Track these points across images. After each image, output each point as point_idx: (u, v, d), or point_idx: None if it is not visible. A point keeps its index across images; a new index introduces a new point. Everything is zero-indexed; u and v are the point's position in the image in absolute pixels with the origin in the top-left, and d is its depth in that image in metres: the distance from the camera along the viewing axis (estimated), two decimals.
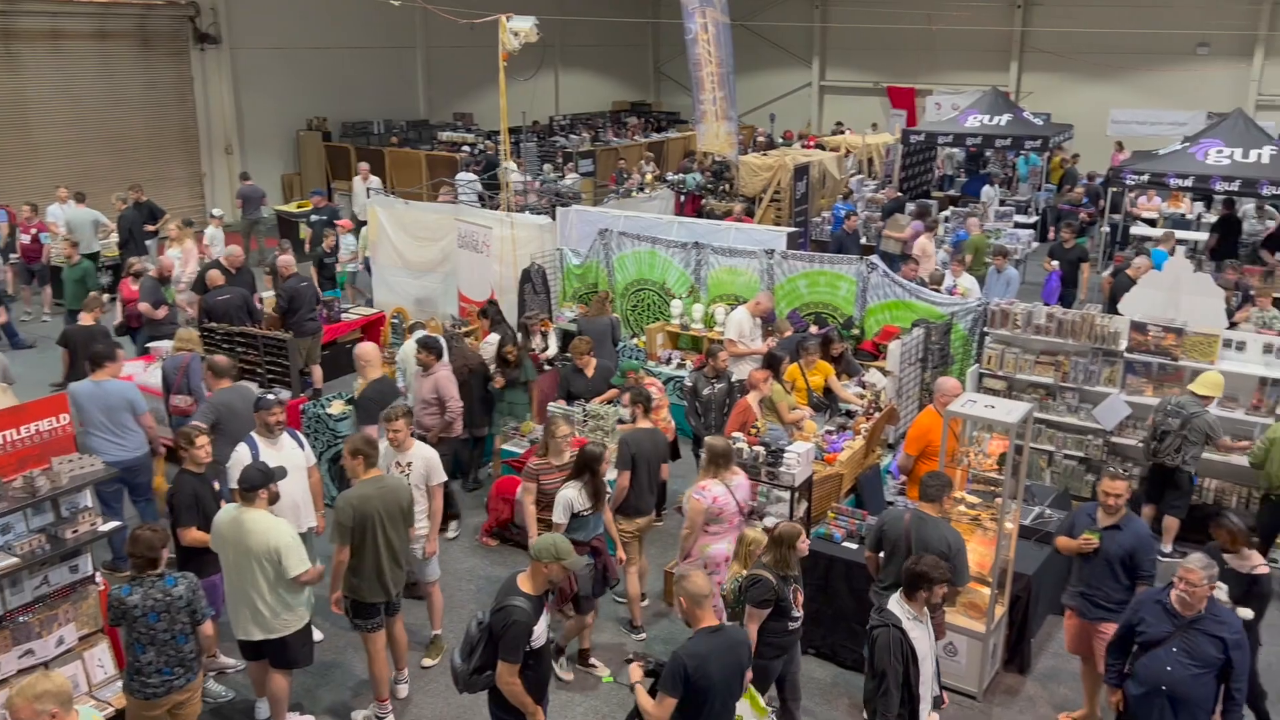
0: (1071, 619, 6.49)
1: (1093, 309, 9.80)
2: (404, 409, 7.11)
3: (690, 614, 5.02)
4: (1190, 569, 5.22)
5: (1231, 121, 14.27)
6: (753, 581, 5.66)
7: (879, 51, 29.31)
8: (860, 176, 20.83)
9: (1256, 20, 24.60)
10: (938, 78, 28.49)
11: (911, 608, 5.18)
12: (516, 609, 5.15)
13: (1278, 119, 23.47)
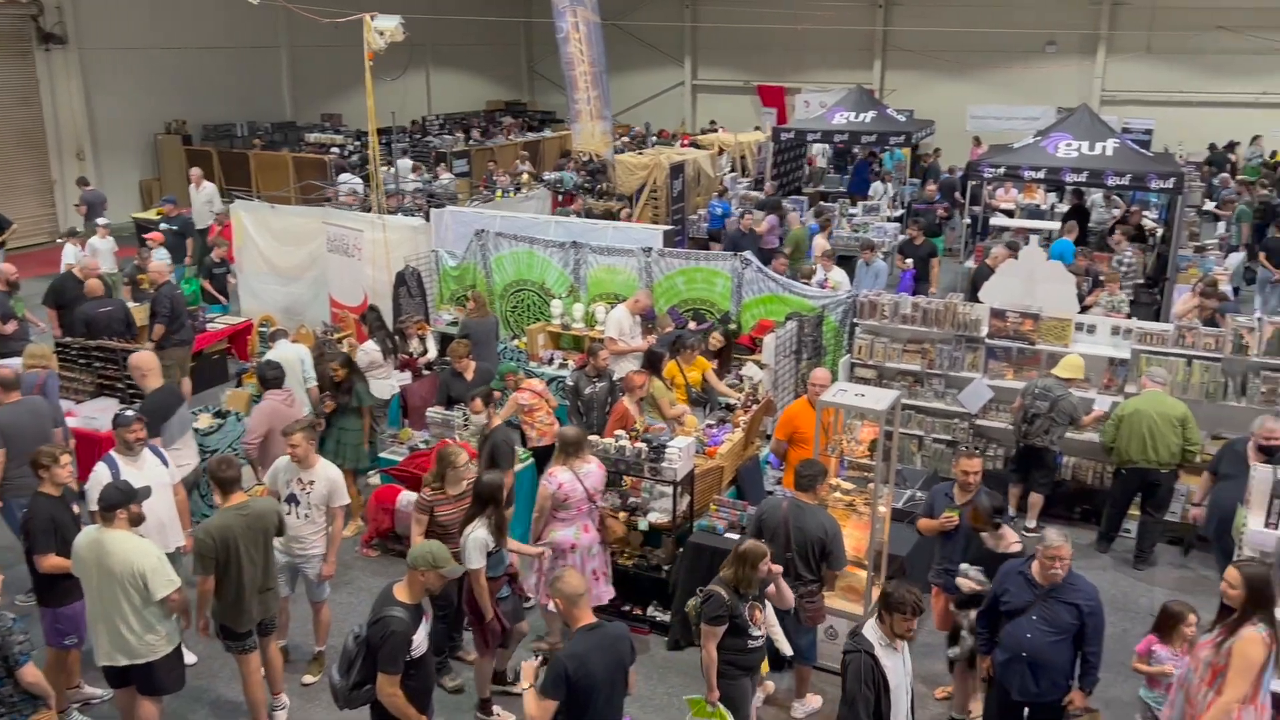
0: (939, 596, 6.75)
1: (955, 297, 10.19)
2: (307, 420, 6.90)
3: (568, 614, 5.01)
4: (1060, 546, 5.45)
5: (1078, 116, 15.03)
6: (706, 597, 5.56)
7: (748, 51, 29.85)
8: (734, 174, 21.17)
9: (1098, 20, 26.03)
10: (806, 76, 29.19)
11: (884, 634, 5.04)
12: (394, 619, 5.06)
13: (1120, 113, 24.90)
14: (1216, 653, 5.01)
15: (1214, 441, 8.67)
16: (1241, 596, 4.97)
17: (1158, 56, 25.50)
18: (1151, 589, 8.28)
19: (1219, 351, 8.73)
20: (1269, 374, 8.53)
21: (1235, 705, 4.88)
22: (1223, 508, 7.34)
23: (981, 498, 6.40)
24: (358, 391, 8.95)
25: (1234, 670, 4.88)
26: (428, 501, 6.67)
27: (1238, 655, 4.89)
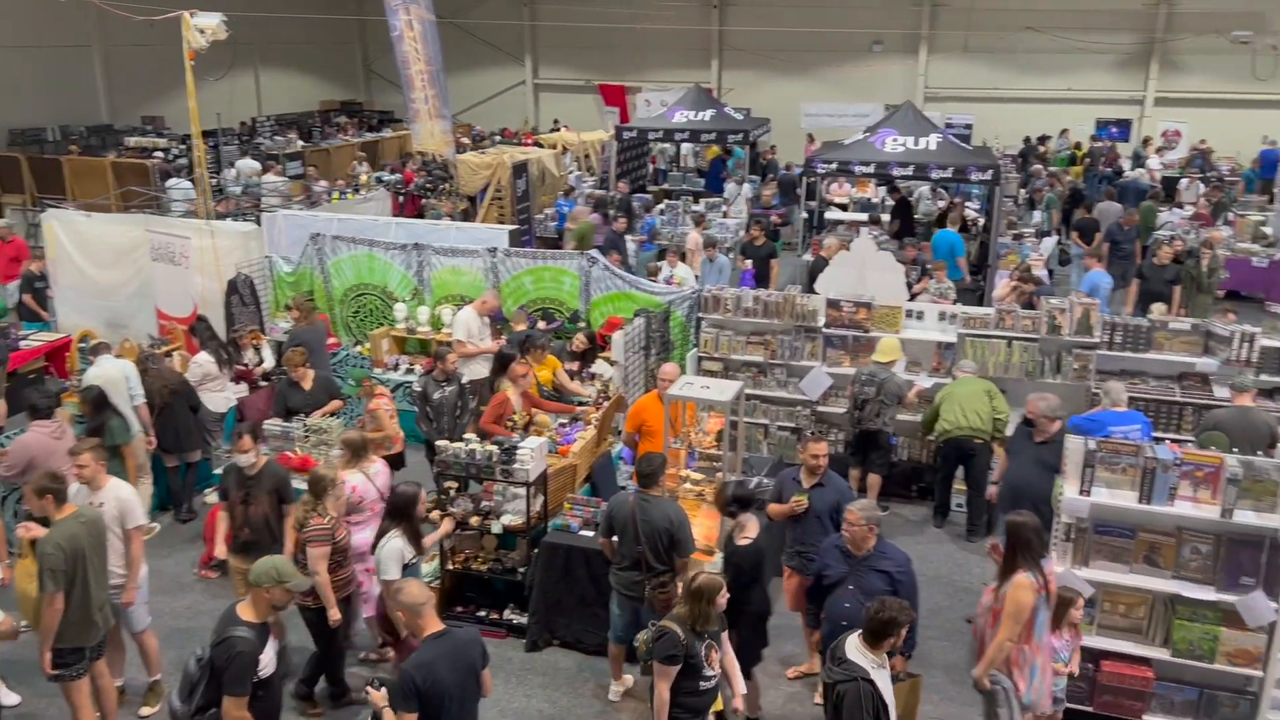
0: (791, 578, 6.96)
1: (793, 290, 10.51)
2: (91, 441, 6.49)
3: (412, 625, 4.93)
4: (850, 510, 5.84)
5: (903, 113, 15.73)
6: (659, 635, 5.21)
7: (589, 50, 29.94)
8: (579, 173, 21.22)
9: (920, 21, 27.29)
10: (646, 75, 29.51)
11: (875, 655, 4.92)
12: (239, 639, 4.86)
13: (942, 109, 26.21)
14: (995, 598, 5.61)
15: None
16: (1007, 547, 5.59)
17: (974, 55, 26.95)
18: (985, 560, 8.74)
19: (1035, 332, 9.31)
20: (1080, 351, 9.14)
21: (1009, 644, 5.43)
22: (1009, 483, 7.73)
23: (728, 486, 6.52)
24: (111, 429, 7.98)
25: (1006, 614, 5.44)
26: (327, 529, 6.29)
27: (1010, 600, 5.46)
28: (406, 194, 18.42)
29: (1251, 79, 25.00)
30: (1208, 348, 9.00)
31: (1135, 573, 6.17)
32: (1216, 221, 17.00)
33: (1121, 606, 6.28)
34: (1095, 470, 6.13)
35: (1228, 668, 6.02)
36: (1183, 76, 26.12)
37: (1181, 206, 18.45)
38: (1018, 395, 9.38)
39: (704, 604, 5.20)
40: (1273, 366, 9.00)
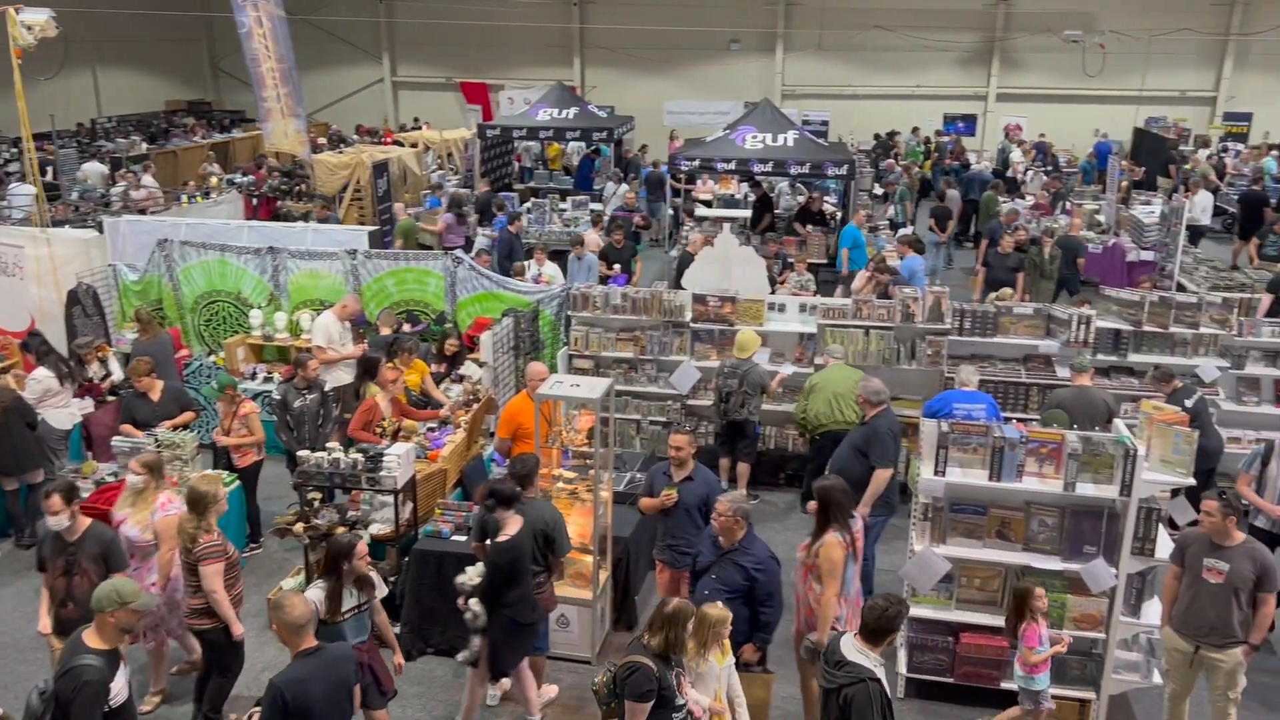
0: (663, 571, 7.03)
1: (661, 286, 10.61)
2: None
3: (288, 641, 4.78)
4: (720, 502, 5.96)
5: (761, 110, 16.08)
6: (630, 670, 4.90)
7: (449, 47, 29.51)
8: (442, 172, 20.89)
9: (775, 20, 27.93)
10: (508, 73, 29.28)
11: (876, 654, 4.92)
12: (87, 668, 4.61)
13: (800, 106, 26.91)
14: (808, 554, 6.07)
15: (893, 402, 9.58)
16: (819, 508, 6.06)
17: (828, 53, 27.77)
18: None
19: (891, 321, 9.64)
20: (932, 338, 9.52)
21: (833, 597, 5.91)
22: (831, 464, 7.86)
23: (492, 481, 6.52)
24: None
25: (824, 572, 5.93)
26: (219, 544, 6.01)
27: (823, 558, 5.93)
28: (260, 196, 17.76)
29: (1083, 75, 26.55)
30: (1049, 330, 9.50)
31: (989, 547, 6.47)
32: (1055, 211, 17.98)
33: (977, 580, 6.58)
34: (948, 451, 6.39)
35: (1075, 632, 6.37)
36: (1022, 73, 27.55)
37: (1024, 197, 19.42)
38: None
39: (678, 629, 5.00)
40: (1108, 347, 9.57)
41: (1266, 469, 7.17)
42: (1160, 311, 9.45)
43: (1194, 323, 9.38)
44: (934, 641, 6.62)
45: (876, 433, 7.51)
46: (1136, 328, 9.51)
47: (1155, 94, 26.44)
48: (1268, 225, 15.55)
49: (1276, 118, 26.20)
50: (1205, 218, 17.91)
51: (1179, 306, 9.45)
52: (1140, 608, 6.39)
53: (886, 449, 7.47)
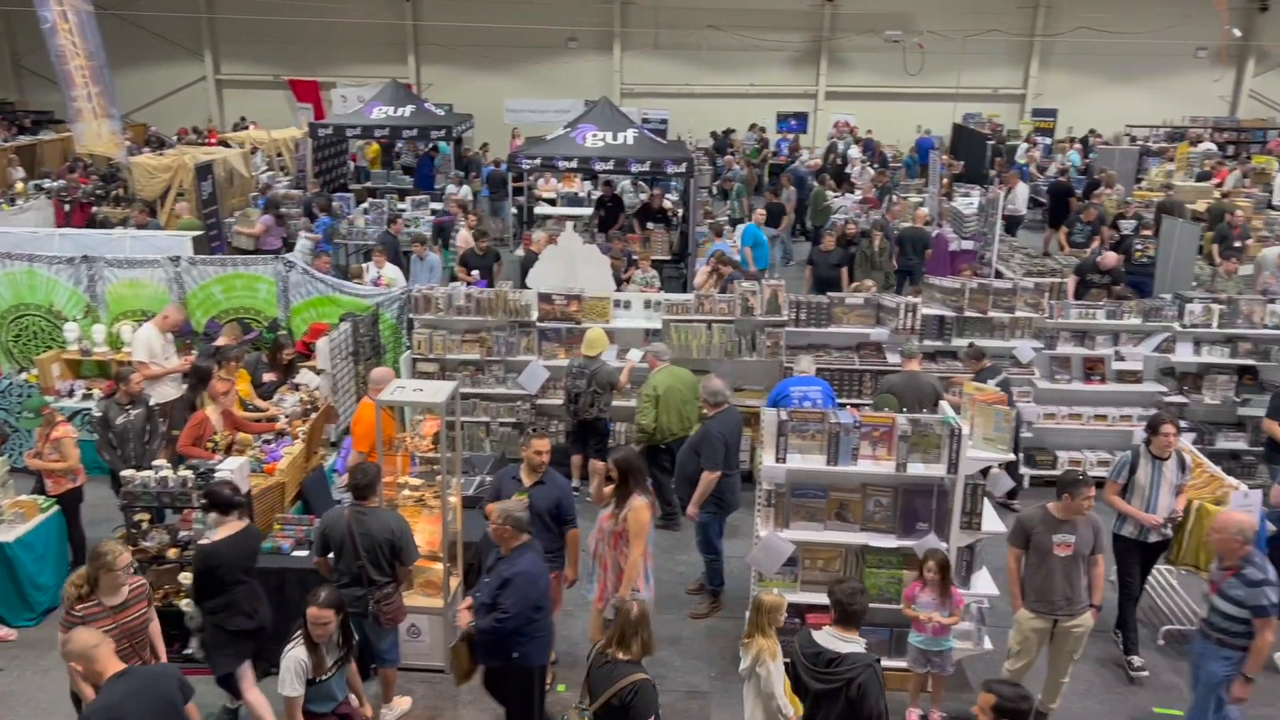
0: None
1: (506, 285, 10.53)
2: None
3: (90, 672, 4.53)
4: (489, 507, 6.01)
5: (600, 108, 16.14)
6: (634, 691, 4.80)
7: (276, 44, 28.37)
8: (272, 173, 20.09)
9: (612, 19, 28.10)
10: (340, 70, 28.39)
11: (857, 635, 5.12)
12: None
13: (639, 104, 27.19)
14: (616, 522, 6.43)
15: (734, 394, 9.81)
16: (620, 477, 6.45)
17: (664, 52, 28.14)
18: (682, 540, 9.04)
19: (731, 315, 9.86)
20: (771, 330, 9.79)
21: (639, 556, 6.35)
22: (681, 465, 8.08)
23: (211, 485, 6.43)
24: None
25: (632, 534, 6.35)
26: (76, 617, 5.36)
27: (633, 521, 6.36)
28: (73, 202, 16.64)
29: (904, 74, 27.83)
30: (879, 319, 9.92)
31: (829, 529, 6.71)
32: (882, 205, 18.77)
33: (820, 561, 6.81)
34: (788, 439, 6.59)
35: None
36: (849, 72, 28.64)
37: (853, 191, 20.19)
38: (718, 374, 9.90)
39: (648, 630, 5.03)
40: (933, 332, 10.07)
41: (1134, 476, 7.13)
42: (980, 297, 10.00)
43: (1010, 307, 9.97)
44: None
45: (708, 435, 7.70)
46: (959, 313, 10.04)
47: (971, 91, 27.95)
48: (1074, 214, 16.67)
49: (1079, 113, 28.15)
50: (1023, 208, 19.10)
51: (997, 292, 10.02)
52: (969, 579, 6.76)
53: (715, 451, 7.58)
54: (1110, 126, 27.75)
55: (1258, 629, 5.70)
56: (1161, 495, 7.04)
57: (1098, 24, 26.49)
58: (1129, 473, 7.14)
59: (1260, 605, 5.66)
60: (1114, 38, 26.49)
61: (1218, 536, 5.93)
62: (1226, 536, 5.85)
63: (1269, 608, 5.66)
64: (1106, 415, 9.98)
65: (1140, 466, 7.11)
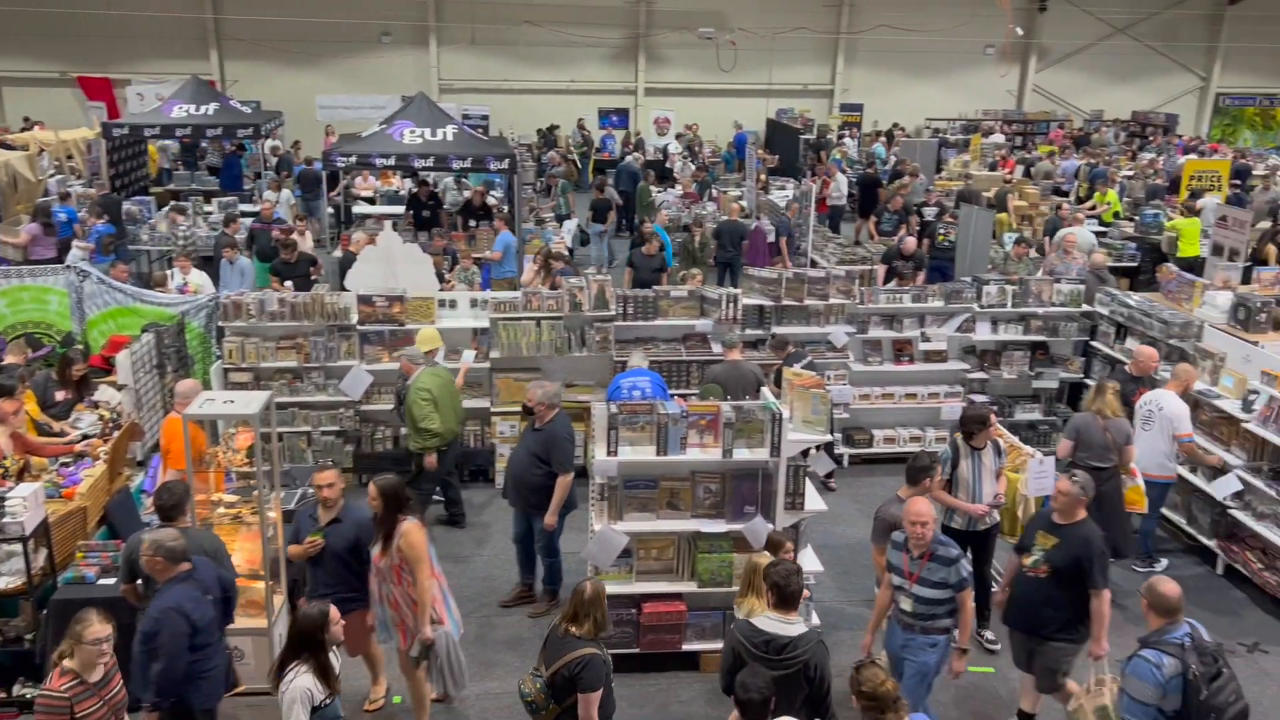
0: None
1: (321, 288, 10.16)
2: None
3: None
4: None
5: (417, 104, 15.82)
6: (581, 664, 5.01)
7: (62, 38, 26.34)
8: (62, 176, 18.68)
9: (426, 13, 27.55)
10: (135, 66, 26.63)
11: (798, 617, 5.15)
12: None
13: (459, 100, 26.78)
14: (390, 556, 5.95)
15: (567, 390, 9.82)
16: (386, 505, 5.94)
17: (482, 47, 27.82)
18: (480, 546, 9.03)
19: (560, 311, 9.85)
20: (600, 325, 9.84)
21: (427, 579, 5.95)
22: (510, 471, 7.87)
23: None
24: None
25: (411, 561, 5.92)
26: (64, 699, 4.74)
27: (408, 546, 5.93)
28: None
29: (719, 70, 28.52)
30: (703, 311, 10.12)
31: (662, 518, 6.80)
32: (702, 198, 19.20)
33: (654, 551, 6.90)
34: (619, 432, 6.64)
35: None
36: (666, 68, 29.13)
37: (674, 186, 20.57)
38: (550, 371, 9.92)
39: (603, 608, 5.23)
40: (754, 322, 10.37)
41: (957, 469, 7.21)
42: (796, 286, 10.36)
43: (824, 294, 10.37)
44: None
45: (556, 438, 7.50)
46: (777, 303, 10.37)
47: (782, 88, 28.96)
48: (882, 204, 17.51)
49: (883, 108, 29.60)
50: (842, 199, 19.93)
51: (811, 281, 10.40)
52: (796, 556, 6.99)
53: (567, 453, 7.50)
54: (912, 120, 29.33)
55: (962, 601, 5.82)
56: (984, 484, 7.22)
57: (896, 22, 27.94)
58: (951, 467, 7.26)
59: (962, 578, 5.77)
60: (911, 36, 28.00)
61: (912, 525, 5.87)
62: (918, 523, 5.84)
63: (967, 578, 5.81)
64: (916, 393, 10.54)
65: (960, 460, 7.24)
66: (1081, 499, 6.05)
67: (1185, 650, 4.83)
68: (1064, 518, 6.08)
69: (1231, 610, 8.03)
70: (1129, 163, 22.77)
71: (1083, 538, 5.97)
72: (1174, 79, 31.12)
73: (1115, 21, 29.74)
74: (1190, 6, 30.00)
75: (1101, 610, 5.96)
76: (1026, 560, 6.12)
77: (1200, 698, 4.74)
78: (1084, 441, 7.93)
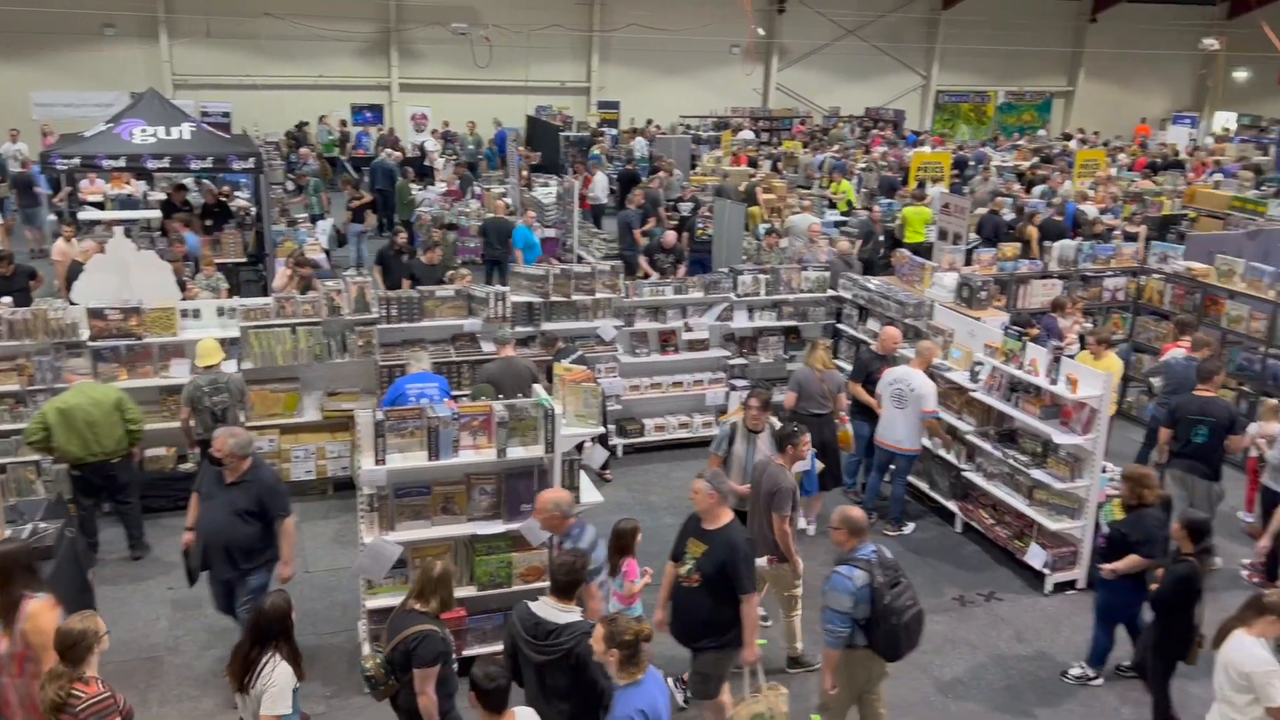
0: None
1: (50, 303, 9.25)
2: None
3: None
4: None
5: (148, 101, 14.66)
6: (419, 639, 5.07)
7: None
8: None
9: (154, 4, 25.59)
10: None
11: (570, 606, 5.13)
12: None
13: (196, 97, 25.10)
14: (12, 642, 5.10)
15: (330, 398, 9.44)
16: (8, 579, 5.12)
17: (219, 41, 26.11)
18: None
19: (317, 316, 9.43)
20: (362, 328, 9.50)
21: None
22: (202, 531, 6.98)
23: None
24: None
25: (42, 646, 4.98)
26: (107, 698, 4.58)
27: (36, 631, 5.05)
28: None
29: (475, 66, 28.23)
30: (471, 309, 9.99)
31: (436, 524, 6.66)
32: (465, 196, 18.96)
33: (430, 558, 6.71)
34: (387, 439, 6.44)
35: (523, 587, 6.83)
36: (420, 64, 28.52)
37: (436, 184, 20.20)
38: (309, 380, 9.51)
39: (451, 586, 5.30)
40: (524, 319, 10.34)
41: (733, 448, 7.44)
42: (563, 283, 10.42)
43: (591, 290, 10.50)
44: None
45: (268, 485, 6.66)
46: (545, 299, 10.39)
47: (540, 84, 29.04)
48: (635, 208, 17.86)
49: (639, 105, 30.28)
50: (604, 196, 20.20)
51: (578, 277, 10.50)
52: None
53: (284, 495, 6.79)
54: (666, 117, 30.18)
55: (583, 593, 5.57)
56: (750, 464, 7.48)
57: (645, 21, 28.64)
58: (728, 445, 7.60)
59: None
60: (661, 34, 28.79)
61: (541, 515, 5.96)
62: (547, 515, 5.89)
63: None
64: (682, 381, 10.88)
65: (736, 440, 7.59)
66: (713, 497, 5.93)
67: (872, 565, 5.62)
68: (709, 522, 5.98)
69: (970, 564, 8.81)
70: (864, 156, 24.47)
71: (728, 543, 5.86)
72: (900, 77, 33.70)
73: (846, 23, 31.82)
74: (911, 10, 32.59)
75: (751, 615, 5.92)
76: (681, 570, 6.05)
77: (884, 602, 5.56)
78: (804, 392, 8.91)
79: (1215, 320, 11.27)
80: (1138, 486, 6.76)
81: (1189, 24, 34.37)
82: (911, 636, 5.68)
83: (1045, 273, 12.00)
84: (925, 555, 8.88)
